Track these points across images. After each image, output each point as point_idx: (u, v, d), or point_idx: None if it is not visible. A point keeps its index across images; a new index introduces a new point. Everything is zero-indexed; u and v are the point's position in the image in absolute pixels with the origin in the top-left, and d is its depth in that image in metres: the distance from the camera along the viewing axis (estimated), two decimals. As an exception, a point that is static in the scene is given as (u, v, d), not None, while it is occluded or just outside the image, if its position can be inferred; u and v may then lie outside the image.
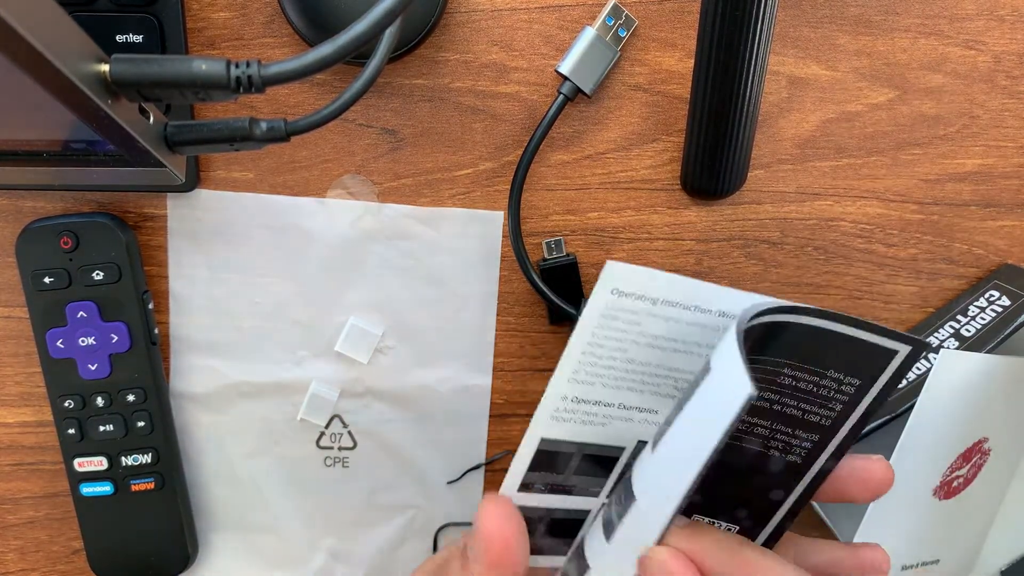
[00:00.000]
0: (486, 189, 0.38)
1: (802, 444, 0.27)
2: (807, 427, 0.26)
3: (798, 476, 0.27)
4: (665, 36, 0.37)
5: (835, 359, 0.25)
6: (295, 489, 0.42)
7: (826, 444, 0.27)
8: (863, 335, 0.25)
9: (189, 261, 0.38)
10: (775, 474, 0.27)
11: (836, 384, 0.26)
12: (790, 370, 0.25)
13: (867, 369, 0.25)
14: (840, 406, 0.26)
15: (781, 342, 0.25)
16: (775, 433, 0.27)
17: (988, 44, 0.37)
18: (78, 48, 0.21)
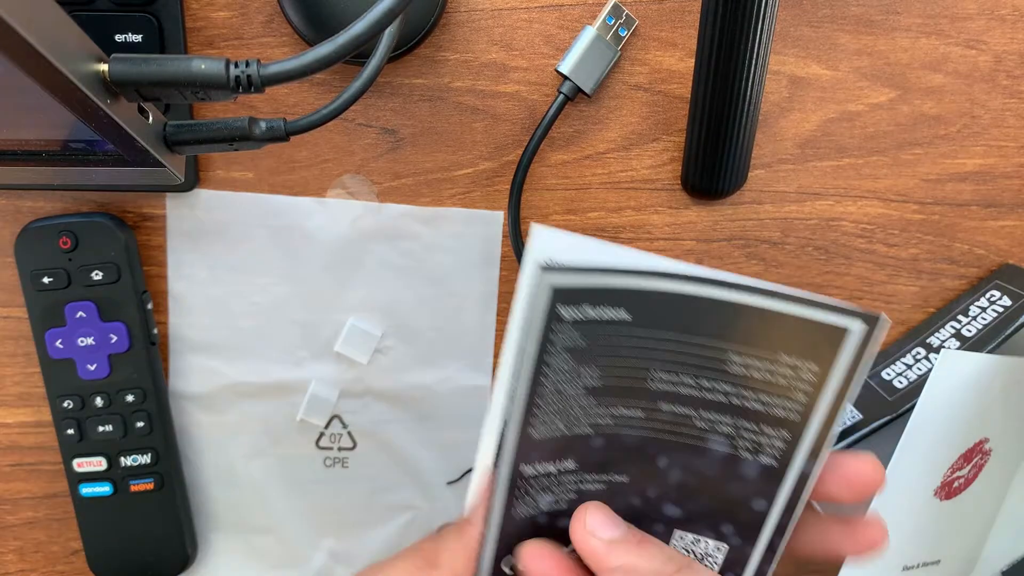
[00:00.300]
0: (486, 189, 0.38)
1: (773, 443, 0.26)
2: (774, 423, 0.26)
3: (777, 481, 0.26)
4: (665, 36, 0.36)
5: (781, 340, 0.24)
6: (294, 490, 0.41)
7: (798, 441, 0.26)
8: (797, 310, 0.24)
9: (188, 261, 0.38)
10: (752, 480, 0.27)
11: (793, 371, 0.25)
12: (737, 356, 0.25)
13: (820, 350, 0.24)
14: (804, 396, 0.25)
15: (710, 321, 0.24)
16: (740, 431, 0.26)
17: (989, 44, 0.37)
18: (77, 48, 0.21)
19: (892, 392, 0.38)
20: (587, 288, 0.23)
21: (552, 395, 0.25)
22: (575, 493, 0.27)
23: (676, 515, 0.28)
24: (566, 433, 0.26)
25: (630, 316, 0.24)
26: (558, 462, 0.26)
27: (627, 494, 0.27)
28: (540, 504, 0.27)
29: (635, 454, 0.27)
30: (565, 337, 0.24)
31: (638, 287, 0.23)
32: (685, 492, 0.27)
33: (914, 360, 0.38)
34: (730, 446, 0.26)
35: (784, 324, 0.24)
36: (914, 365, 0.38)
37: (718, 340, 0.25)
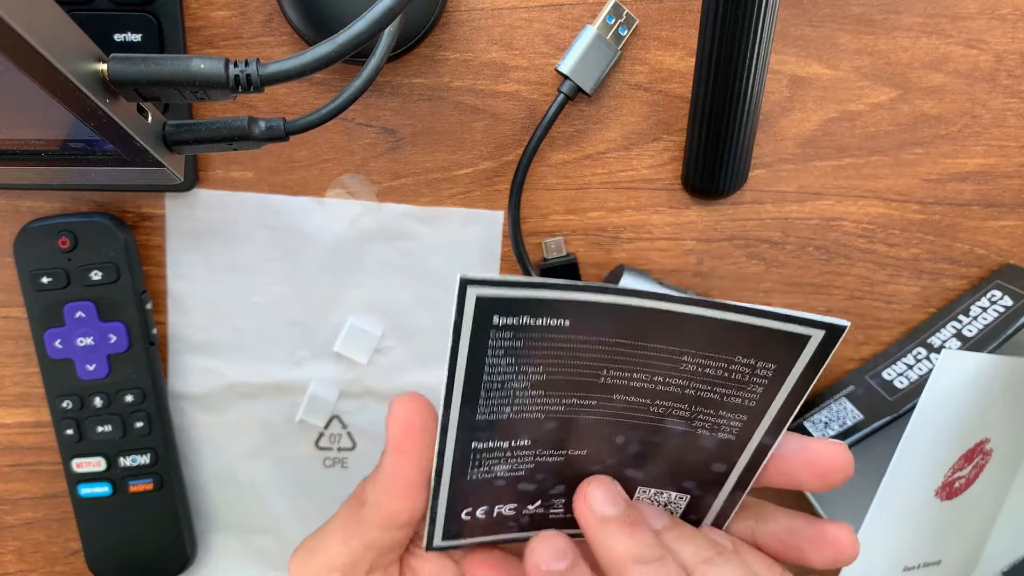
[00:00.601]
0: (486, 189, 0.38)
1: (731, 424, 0.27)
2: (731, 408, 0.26)
3: (736, 450, 0.27)
4: (666, 35, 0.36)
5: (734, 346, 0.25)
6: (294, 490, 0.41)
7: (758, 422, 0.27)
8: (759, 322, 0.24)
9: (188, 261, 0.38)
10: (710, 450, 0.27)
11: (749, 369, 0.25)
12: (691, 357, 0.25)
13: (779, 353, 0.25)
14: (761, 388, 0.26)
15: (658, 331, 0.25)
16: (696, 415, 0.27)
17: (990, 43, 0.37)
18: (76, 47, 0.21)
19: (893, 392, 0.38)
20: (524, 299, 0.23)
21: (497, 389, 0.26)
22: (532, 463, 0.28)
23: (637, 476, 0.28)
24: (515, 417, 0.26)
25: (568, 323, 0.24)
26: (511, 440, 0.27)
27: (586, 464, 0.28)
28: (496, 471, 0.28)
29: (590, 434, 0.27)
30: (504, 342, 0.24)
31: (576, 299, 0.24)
32: (644, 459, 0.28)
33: (915, 360, 0.38)
34: (687, 426, 0.27)
35: (740, 333, 0.25)
36: (915, 365, 0.38)
37: (667, 344, 0.25)
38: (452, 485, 0.28)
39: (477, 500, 0.28)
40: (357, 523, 0.29)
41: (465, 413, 0.26)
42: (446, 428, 0.26)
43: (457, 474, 0.27)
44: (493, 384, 0.26)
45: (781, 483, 0.28)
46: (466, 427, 0.26)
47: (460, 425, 0.26)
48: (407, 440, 0.27)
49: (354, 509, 0.29)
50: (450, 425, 0.26)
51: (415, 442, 0.27)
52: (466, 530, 0.29)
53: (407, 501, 0.28)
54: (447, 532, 0.29)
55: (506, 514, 0.29)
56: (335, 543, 0.29)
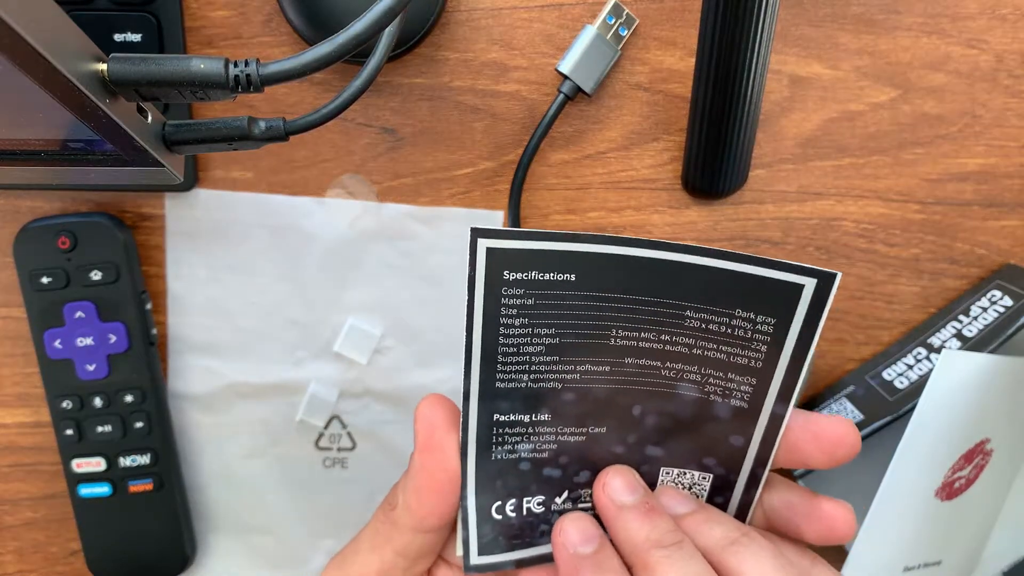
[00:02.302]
0: (486, 188, 0.38)
1: (741, 388, 0.27)
2: (739, 370, 0.27)
3: (751, 420, 0.28)
4: (666, 35, 0.36)
5: (734, 297, 0.26)
6: (294, 490, 0.41)
7: (767, 386, 0.27)
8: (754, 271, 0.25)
9: (187, 261, 0.38)
10: (726, 420, 0.28)
11: (750, 324, 0.26)
12: (694, 312, 0.26)
13: (776, 306, 0.26)
14: (764, 347, 0.27)
15: (660, 282, 0.26)
16: (707, 377, 0.27)
17: (990, 43, 0.37)
18: (76, 47, 0.21)
19: (893, 392, 0.38)
20: (532, 251, 0.25)
21: (513, 354, 0.27)
22: (555, 443, 0.28)
23: (659, 455, 0.29)
24: (532, 387, 0.27)
25: (575, 277, 0.26)
26: (531, 414, 0.28)
27: (608, 443, 0.29)
28: (520, 451, 0.28)
29: (608, 406, 0.28)
30: (516, 300, 0.26)
31: (581, 250, 0.25)
32: (664, 434, 0.29)
33: (915, 360, 0.38)
34: (700, 391, 0.28)
35: (735, 281, 0.26)
36: (915, 365, 0.38)
37: (671, 297, 0.26)
38: (479, 467, 0.28)
39: (506, 489, 0.29)
40: (388, 527, 0.29)
41: (485, 379, 0.27)
42: (468, 394, 0.27)
43: (482, 451, 0.28)
44: (509, 348, 0.27)
45: (788, 460, 0.28)
46: (487, 395, 0.27)
47: (481, 393, 0.27)
48: (434, 438, 0.28)
49: (386, 513, 0.29)
50: (471, 391, 0.27)
51: (442, 440, 0.28)
52: (501, 539, 0.29)
53: (438, 500, 0.28)
54: (482, 542, 0.29)
55: (536, 511, 0.29)
56: (365, 552, 0.29)
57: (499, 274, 0.26)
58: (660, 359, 0.27)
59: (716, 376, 0.27)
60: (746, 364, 0.27)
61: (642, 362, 0.27)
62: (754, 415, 0.28)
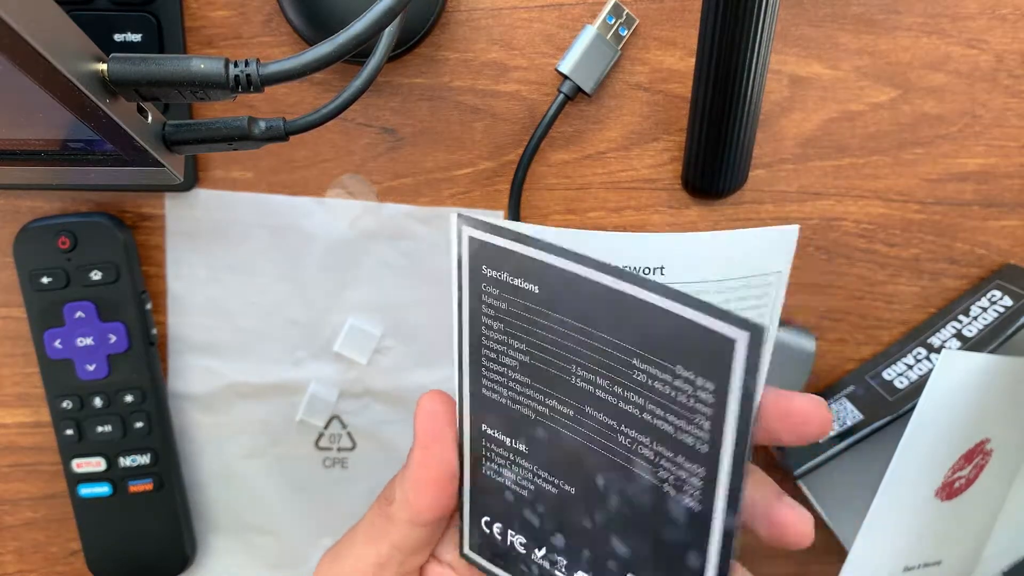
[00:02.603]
0: (486, 188, 0.38)
1: (691, 480, 0.24)
2: (687, 453, 0.23)
3: (704, 533, 0.24)
4: (666, 35, 0.36)
5: (675, 349, 0.23)
6: (294, 490, 0.41)
7: (714, 486, 0.23)
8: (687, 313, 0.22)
9: (187, 261, 0.38)
10: (683, 526, 0.24)
11: (690, 386, 0.23)
12: (640, 362, 0.23)
13: (711, 363, 0.22)
14: (707, 422, 0.23)
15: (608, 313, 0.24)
16: (659, 457, 0.24)
17: (990, 43, 0.37)
18: (76, 47, 0.21)
19: (893, 392, 0.38)
20: (506, 250, 0.25)
21: (495, 360, 0.26)
22: (532, 484, 0.28)
23: (625, 555, 0.26)
24: (511, 407, 0.27)
25: (538, 291, 0.25)
26: (512, 439, 0.27)
27: (577, 510, 0.27)
28: (504, 477, 0.28)
29: (575, 464, 0.26)
30: (493, 300, 0.26)
31: (542, 260, 0.24)
32: (626, 527, 0.26)
33: (915, 360, 0.38)
34: (654, 476, 0.25)
35: (674, 325, 0.22)
36: (915, 365, 0.38)
37: (621, 339, 0.24)
38: (472, 476, 0.28)
39: (492, 511, 0.28)
40: (384, 521, 0.29)
41: (474, 378, 0.27)
42: (461, 392, 0.27)
43: (475, 462, 0.28)
44: (491, 353, 0.26)
45: (759, 437, 0.27)
46: (476, 399, 0.27)
47: (471, 394, 0.27)
48: (433, 434, 0.28)
49: (381, 507, 0.30)
50: (464, 388, 0.27)
51: (440, 436, 0.28)
52: (487, 549, 0.29)
53: (436, 495, 0.28)
54: (472, 541, 0.29)
55: (518, 549, 0.29)
56: (361, 545, 0.30)
57: (479, 267, 0.25)
58: (616, 419, 0.25)
59: (667, 457, 0.24)
60: (692, 446, 0.23)
61: (600, 417, 0.25)
62: (706, 526, 0.24)
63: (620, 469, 0.26)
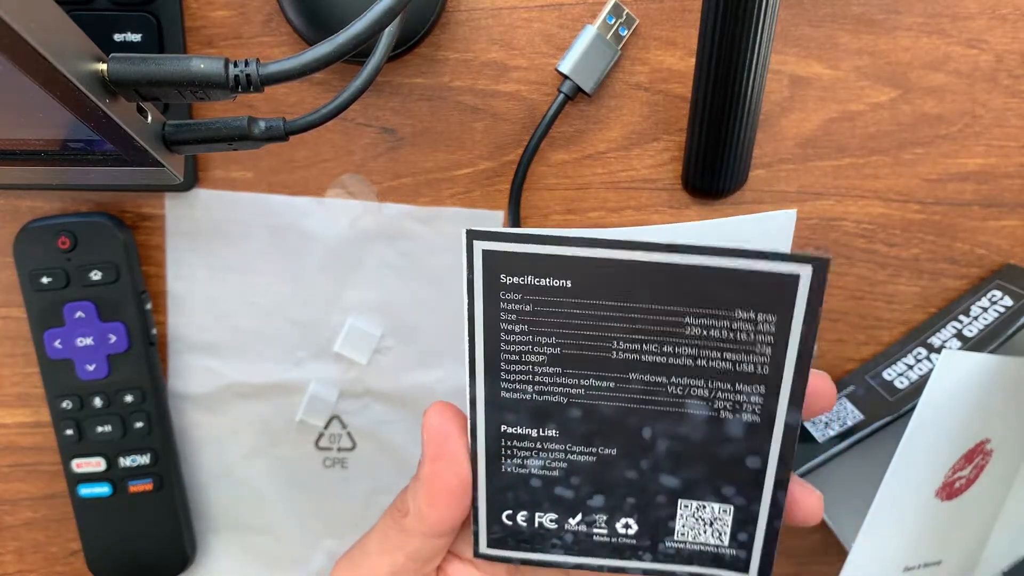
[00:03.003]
0: (486, 188, 0.38)
1: (751, 400, 0.26)
2: (746, 379, 0.26)
3: (765, 436, 0.27)
4: (666, 35, 0.36)
5: (731, 297, 0.25)
6: (294, 490, 0.41)
7: (777, 393, 0.26)
8: (747, 264, 0.24)
9: (187, 261, 0.38)
10: (739, 439, 0.27)
11: (751, 324, 0.25)
12: (693, 318, 0.25)
13: (773, 299, 0.25)
14: (769, 348, 0.25)
15: (656, 287, 0.25)
16: (715, 392, 0.26)
17: (990, 43, 0.37)
18: (76, 47, 0.21)
19: (893, 392, 0.38)
20: (527, 255, 0.25)
21: (516, 362, 0.27)
22: (564, 462, 0.28)
23: (674, 485, 0.28)
24: (537, 400, 0.27)
25: (571, 284, 0.25)
26: (539, 429, 0.28)
27: (619, 467, 0.28)
28: (530, 467, 0.28)
29: (617, 426, 0.27)
30: (514, 305, 0.26)
31: (574, 255, 0.25)
32: (677, 461, 0.28)
33: (915, 360, 0.38)
34: (710, 408, 0.27)
35: (730, 278, 0.25)
36: (915, 365, 0.38)
37: (669, 304, 0.25)
38: (489, 477, 0.28)
39: (516, 502, 0.29)
40: (398, 533, 0.29)
41: (490, 386, 0.27)
42: (475, 401, 0.27)
43: (492, 462, 0.28)
44: (512, 355, 0.27)
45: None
46: (493, 403, 0.27)
47: (487, 399, 0.27)
48: (443, 446, 0.28)
49: (395, 519, 0.29)
50: (477, 398, 0.27)
51: (452, 448, 0.28)
52: (510, 539, 0.29)
53: (450, 508, 0.28)
54: (491, 537, 0.29)
55: (548, 526, 0.29)
56: (375, 554, 0.29)
57: (496, 278, 0.26)
58: (665, 374, 0.26)
59: (724, 389, 0.26)
60: (753, 371, 0.26)
61: (647, 378, 0.27)
62: (768, 429, 0.26)
63: (670, 415, 0.27)
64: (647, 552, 0.29)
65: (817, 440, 0.38)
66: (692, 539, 0.29)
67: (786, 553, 0.44)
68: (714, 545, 0.29)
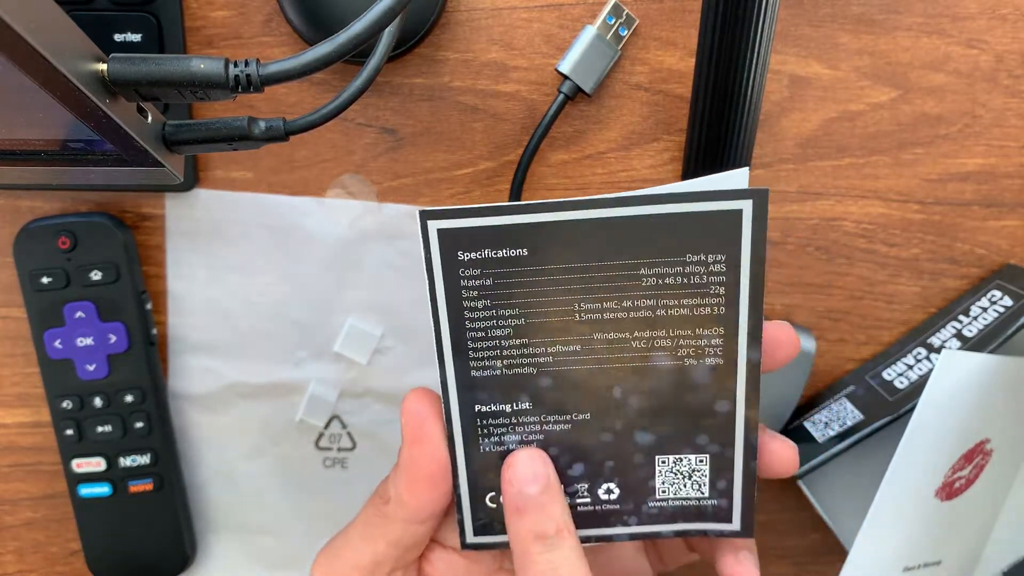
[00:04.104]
0: (486, 189, 0.38)
1: (712, 343, 0.27)
2: (705, 322, 0.27)
3: (730, 376, 0.27)
4: (666, 35, 0.36)
5: (681, 242, 0.26)
6: (294, 490, 0.41)
7: (736, 332, 0.27)
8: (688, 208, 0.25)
9: (187, 261, 0.38)
10: (706, 385, 0.28)
11: (703, 267, 0.26)
12: (647, 268, 0.26)
13: (721, 238, 0.26)
14: (722, 288, 0.26)
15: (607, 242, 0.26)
16: (677, 340, 0.27)
17: (990, 43, 0.37)
18: (76, 47, 0.21)
19: (893, 392, 0.38)
20: (481, 228, 0.26)
21: (482, 339, 0.27)
22: (540, 434, 0.29)
23: (650, 442, 0.29)
24: (508, 374, 0.28)
25: (527, 252, 0.26)
26: (512, 403, 0.28)
27: (594, 430, 0.29)
28: (507, 443, 0.29)
29: (587, 389, 0.28)
30: (474, 281, 0.26)
31: (526, 222, 0.26)
32: (650, 416, 0.28)
33: (915, 360, 0.38)
34: (674, 357, 0.27)
35: (677, 224, 0.26)
36: (915, 365, 0.38)
37: (622, 259, 0.26)
38: (468, 460, 0.29)
39: (498, 480, 0.29)
40: (380, 520, 0.29)
41: (459, 367, 0.27)
42: (446, 384, 0.28)
43: (470, 444, 0.28)
44: (477, 332, 0.27)
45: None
46: (464, 385, 0.28)
47: (458, 382, 0.28)
48: (422, 430, 0.28)
49: (377, 507, 0.30)
50: (448, 381, 0.28)
51: (429, 432, 0.28)
52: (496, 524, 0.29)
53: (430, 492, 0.28)
54: (476, 524, 0.29)
55: None
56: (358, 542, 0.30)
57: (454, 255, 0.26)
58: (627, 330, 0.27)
59: (685, 336, 0.27)
60: (710, 313, 0.27)
61: (610, 336, 0.27)
62: (731, 369, 0.27)
63: (637, 370, 0.28)
64: (632, 515, 0.30)
65: (817, 440, 0.38)
66: (673, 495, 0.29)
67: (786, 553, 0.44)
68: (695, 498, 0.29)
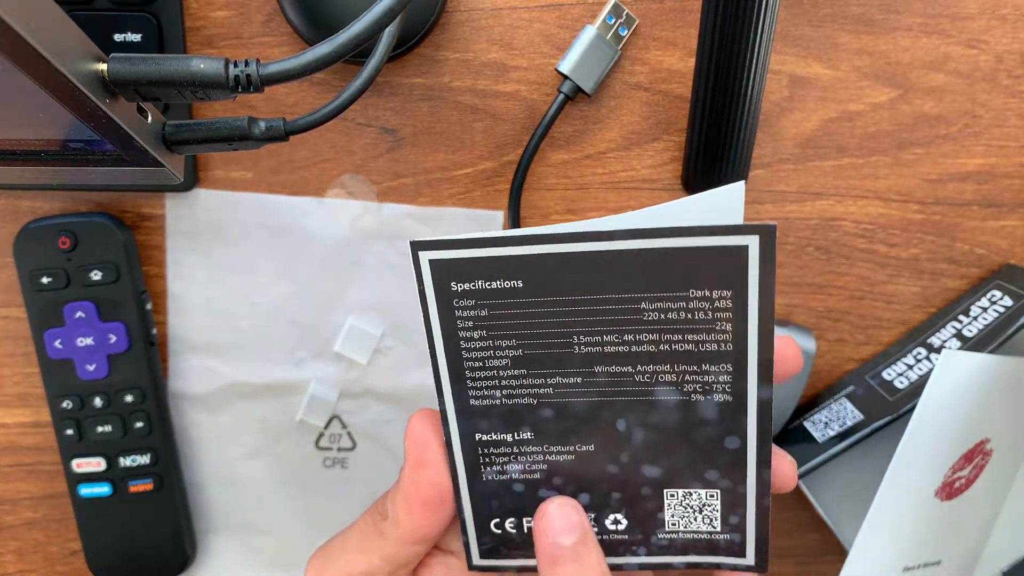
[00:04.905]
0: (486, 189, 0.38)
1: (719, 379, 0.26)
2: (711, 359, 0.26)
3: (740, 414, 0.26)
4: (666, 35, 0.36)
5: (684, 276, 0.25)
6: (294, 490, 0.41)
7: (744, 369, 0.26)
8: (693, 242, 0.24)
9: (187, 261, 0.38)
10: (715, 421, 0.27)
11: (707, 303, 0.25)
12: (649, 303, 0.25)
13: (726, 274, 0.24)
14: (729, 324, 0.25)
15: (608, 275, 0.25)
16: (682, 375, 0.26)
17: (990, 43, 0.37)
18: (76, 47, 0.21)
19: (893, 392, 0.38)
20: (474, 259, 0.25)
21: (480, 369, 0.26)
22: (544, 464, 0.28)
23: (657, 475, 0.28)
24: (507, 403, 0.27)
25: (521, 284, 0.25)
26: (513, 433, 0.27)
27: (599, 462, 0.28)
28: (510, 472, 0.28)
29: (590, 421, 0.27)
30: (469, 312, 0.26)
31: (520, 254, 0.25)
32: (656, 450, 0.28)
33: (915, 360, 0.38)
34: (680, 392, 0.26)
35: (678, 258, 0.24)
36: (915, 365, 0.38)
37: (622, 292, 0.25)
38: (471, 488, 0.28)
39: (502, 509, 0.28)
40: (377, 535, 0.29)
41: (458, 395, 0.27)
42: (446, 415, 0.27)
43: (472, 472, 0.28)
44: (475, 362, 0.26)
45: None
46: (464, 414, 0.27)
47: (458, 411, 0.27)
48: (424, 455, 0.28)
49: (375, 521, 0.29)
50: (448, 409, 0.27)
51: (431, 456, 0.28)
52: (503, 548, 0.29)
53: (427, 517, 0.28)
54: (482, 548, 0.29)
55: None
56: (353, 552, 0.30)
57: (447, 286, 0.25)
58: (630, 363, 0.26)
59: (691, 371, 0.26)
60: (717, 350, 0.25)
61: (613, 369, 0.26)
62: (742, 407, 0.26)
63: (641, 404, 0.27)
64: (640, 546, 0.29)
65: (817, 440, 0.38)
66: (683, 528, 0.28)
67: (786, 553, 0.44)
68: (707, 532, 0.28)
